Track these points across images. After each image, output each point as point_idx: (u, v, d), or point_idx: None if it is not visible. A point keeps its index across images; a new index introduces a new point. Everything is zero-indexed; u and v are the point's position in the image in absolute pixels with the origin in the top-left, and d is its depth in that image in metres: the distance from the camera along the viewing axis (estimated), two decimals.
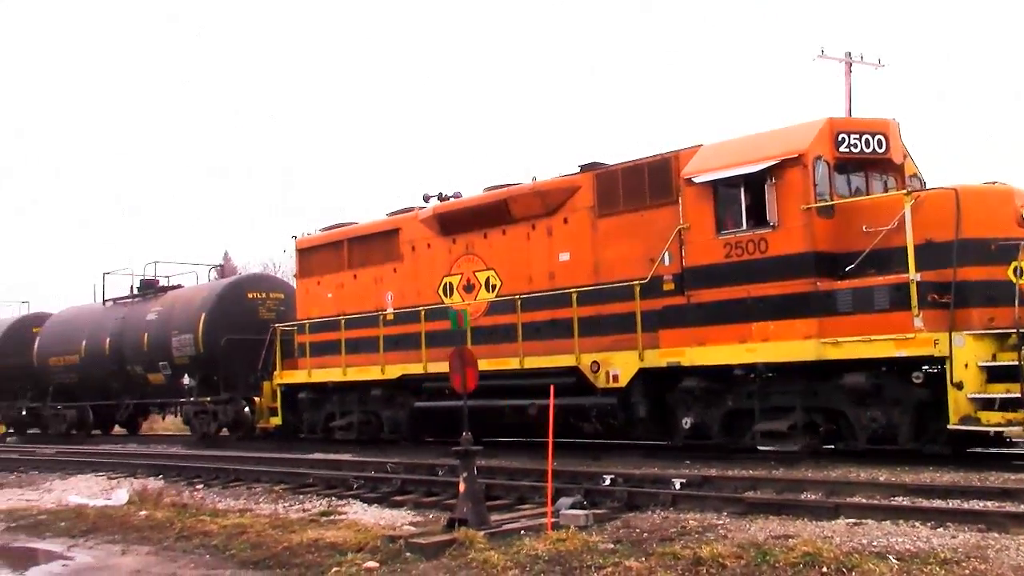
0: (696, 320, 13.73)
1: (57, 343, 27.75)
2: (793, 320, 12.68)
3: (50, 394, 28.26)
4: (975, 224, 11.83)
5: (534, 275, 16.45)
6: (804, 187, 12.74)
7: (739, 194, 13.29)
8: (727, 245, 13.42)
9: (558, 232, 16.17)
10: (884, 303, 11.95)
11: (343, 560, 9.13)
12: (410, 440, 18.61)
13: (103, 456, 20.10)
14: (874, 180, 13.59)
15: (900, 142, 13.61)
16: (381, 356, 18.54)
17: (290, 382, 20.71)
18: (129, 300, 26.51)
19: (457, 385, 10.76)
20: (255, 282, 24.42)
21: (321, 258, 20.76)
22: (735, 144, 13.86)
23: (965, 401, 11.34)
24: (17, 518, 13.63)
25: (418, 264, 18.54)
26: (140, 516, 12.71)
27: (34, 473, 18.88)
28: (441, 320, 17.62)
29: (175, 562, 10.12)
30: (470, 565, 8.53)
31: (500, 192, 17.20)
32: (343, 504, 12.50)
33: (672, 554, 8.01)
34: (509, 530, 9.56)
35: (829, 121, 13.14)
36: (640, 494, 10.85)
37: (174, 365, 23.59)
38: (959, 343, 11.39)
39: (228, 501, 13.63)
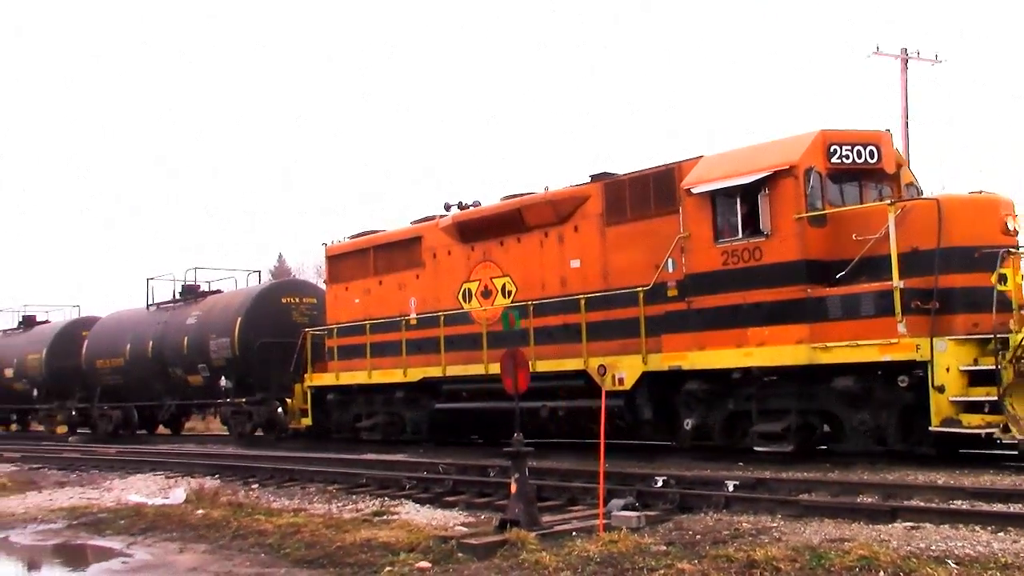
0: (696, 325, 14.24)
1: (104, 346, 28.91)
2: (786, 326, 13.15)
3: (97, 395, 29.43)
4: (959, 233, 12.23)
5: (547, 281, 17.04)
6: (796, 197, 13.20)
7: (735, 204, 13.78)
8: (724, 253, 13.92)
9: (569, 240, 16.75)
10: (870, 309, 12.38)
11: (396, 560, 9.20)
12: (431, 440, 19.30)
13: (161, 456, 20.49)
14: (868, 189, 13.98)
15: (893, 152, 14.00)
16: (404, 359, 19.27)
17: (319, 384, 21.54)
18: (171, 305, 27.58)
19: (509, 386, 10.81)
20: (289, 287, 25.33)
21: (349, 265, 21.55)
22: (733, 155, 14.35)
23: (947, 404, 11.74)
24: (78, 516, 13.86)
25: (439, 270, 19.23)
26: (197, 515, 12.87)
27: (95, 472, 19.21)
28: (460, 325, 18.38)
29: (231, 560, 10.21)
30: (522, 566, 8.55)
31: (515, 201, 17.83)
32: (396, 504, 12.58)
33: (725, 556, 7.96)
34: (561, 531, 9.60)
35: (821, 133, 13.57)
36: (692, 496, 10.83)
37: (212, 367, 24.56)
38: (941, 348, 11.79)
39: (283, 500, 13.77)
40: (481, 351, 17.66)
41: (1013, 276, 12.32)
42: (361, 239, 21.54)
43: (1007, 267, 12.26)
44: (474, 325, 18.07)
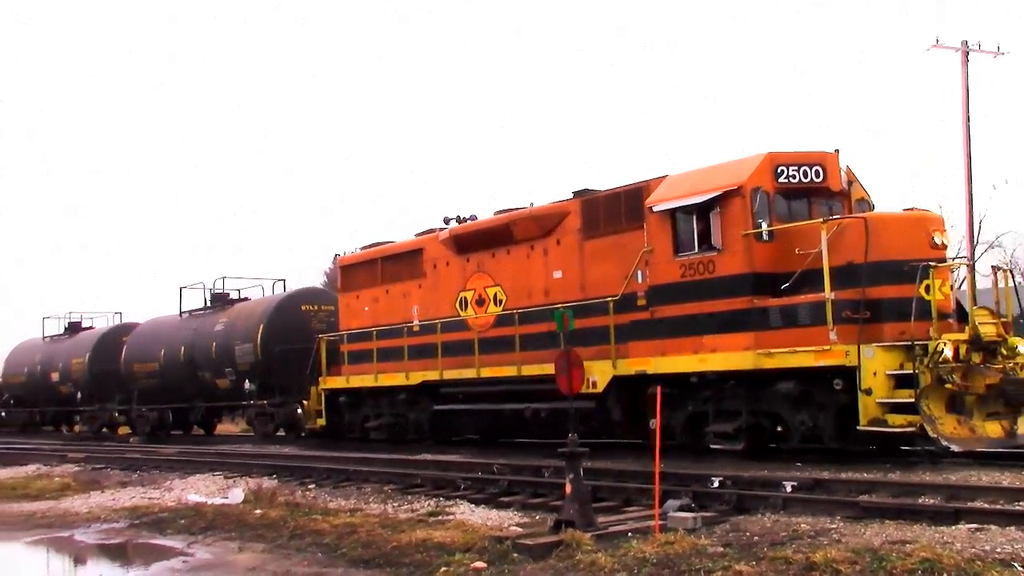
0: (659, 333, 15.37)
1: (140, 351, 30.70)
2: (735, 334, 14.23)
3: (135, 397, 31.22)
4: (887, 248, 13.22)
5: (533, 291, 18.26)
6: (743, 215, 14.28)
7: (691, 221, 14.90)
8: (682, 266, 15.04)
9: (552, 252, 17.96)
10: (806, 319, 13.44)
11: (451, 560, 9.25)
12: (433, 440, 20.62)
13: (219, 456, 20.82)
14: (818, 206, 14.98)
15: (839, 171, 15.01)
16: (406, 364, 20.62)
17: (332, 387, 22.97)
18: (201, 312, 29.25)
19: (563, 386, 10.84)
20: (308, 296, 26.83)
21: (359, 274, 22.94)
22: (692, 176, 15.46)
23: (874, 405, 12.75)
24: (140, 515, 14.13)
25: (439, 280, 20.53)
26: (255, 515, 12.99)
27: (155, 472, 19.54)
28: (455, 331, 19.67)
29: (289, 559, 10.34)
30: (577, 567, 8.54)
31: (504, 216, 19.09)
32: (451, 504, 12.60)
33: (784, 558, 7.89)
34: (616, 532, 9.57)
35: (769, 155, 14.62)
36: (749, 497, 10.77)
37: (237, 371, 26.14)
38: (868, 354, 12.81)
39: (339, 500, 13.84)
40: (474, 356, 18.97)
41: (940, 287, 13.27)
42: (370, 250, 22.92)
43: (936, 279, 13.23)
44: (469, 332, 19.35)
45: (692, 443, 15.46)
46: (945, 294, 13.36)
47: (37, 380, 36.99)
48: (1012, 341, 13.40)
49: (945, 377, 12.38)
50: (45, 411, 37.74)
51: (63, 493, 17.33)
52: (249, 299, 28.82)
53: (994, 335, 13.13)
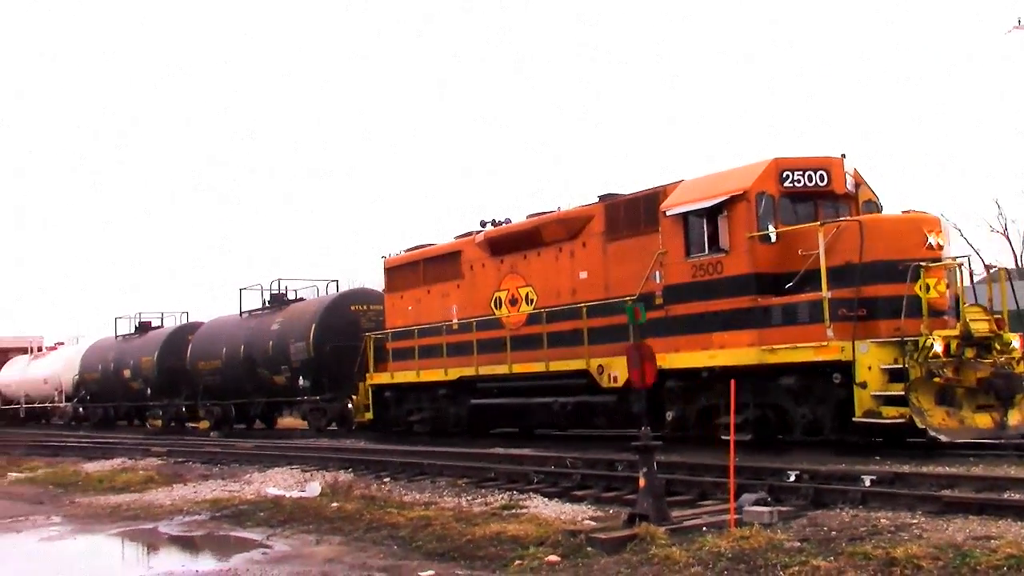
0: (673, 330, 16.21)
1: (204, 349, 32.30)
2: (740, 331, 15.04)
3: (200, 393, 32.85)
4: (882, 249, 13.91)
5: (561, 291, 19.20)
6: (748, 218, 15.06)
7: (702, 224, 15.72)
8: (693, 267, 15.87)
9: (578, 254, 18.87)
10: (805, 316, 14.20)
11: (525, 554, 9.27)
12: (470, 433, 21.67)
13: (296, 450, 21.07)
14: (824, 209, 15.68)
15: (844, 175, 15.68)
16: (444, 360, 21.72)
17: (378, 383, 24.16)
18: (259, 312, 30.71)
19: (636, 379, 10.88)
20: (358, 296, 28.09)
21: (403, 275, 24.09)
22: (703, 181, 16.27)
23: (868, 398, 13.46)
24: (221, 508, 14.30)
25: (475, 281, 21.58)
26: (332, 508, 13.13)
27: (235, 466, 19.76)
28: (490, 330, 20.70)
29: (365, 552, 10.41)
30: (651, 561, 8.49)
31: (534, 220, 20.07)
32: (524, 498, 12.64)
33: (863, 554, 7.80)
34: (690, 526, 9.53)
35: (774, 161, 15.37)
36: (827, 491, 10.70)
37: (292, 368, 27.51)
38: (863, 349, 13.52)
39: (413, 494, 13.95)
40: (506, 353, 19.99)
41: (935, 286, 13.90)
42: (413, 253, 24.05)
43: (930, 277, 13.87)
44: (502, 330, 20.37)
45: (705, 435, 16.28)
46: (940, 292, 13.97)
47: (111, 377, 38.94)
48: (1007, 337, 14.00)
49: (935, 371, 13.04)
50: (119, 406, 39.64)
51: (147, 486, 17.73)
52: (304, 299, 30.21)
53: (986, 331, 13.72)
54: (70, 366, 43.33)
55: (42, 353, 49.38)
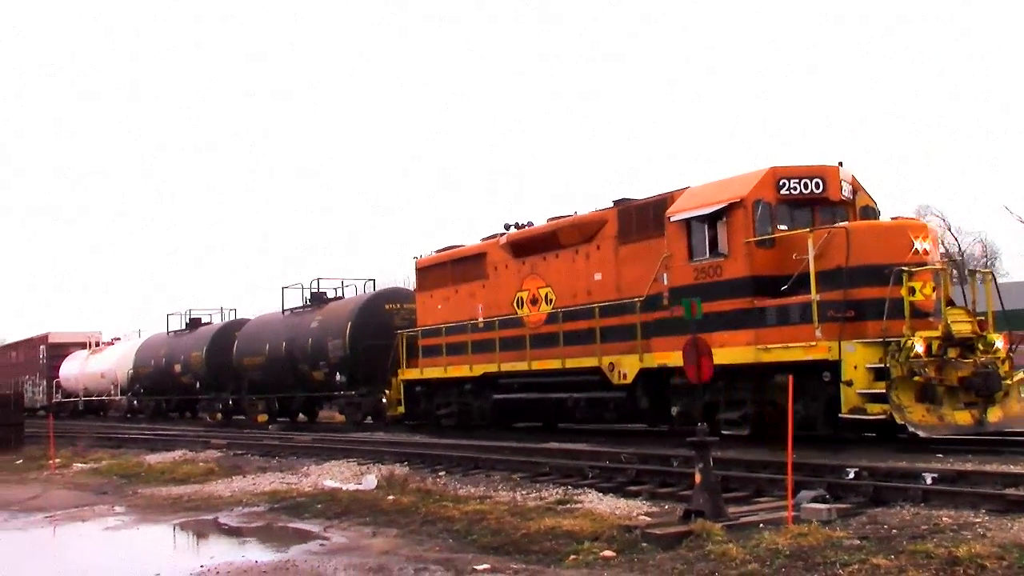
0: (677, 330, 16.93)
1: (248, 345, 33.69)
2: (738, 331, 15.84)
3: (245, 387, 34.26)
4: (869, 254, 14.64)
5: (577, 291, 20.10)
6: (746, 224, 15.85)
7: (703, 229, 16.54)
8: (696, 270, 16.70)
9: (593, 256, 19.76)
10: (797, 318, 14.97)
11: (580, 548, 9.29)
12: (493, 426, 22.65)
13: (352, 443, 21.20)
14: (821, 214, 16.39)
15: (839, 183, 16.38)
16: (470, 357, 22.73)
17: (409, 378, 25.25)
18: (300, 310, 31.99)
19: (692, 375, 10.89)
20: (391, 296, 29.21)
21: (433, 275, 25.14)
22: (706, 188, 17.08)
23: (854, 395, 14.20)
24: (279, 500, 14.51)
25: (499, 281, 22.55)
26: (388, 501, 13.23)
27: (292, 459, 19.93)
28: (512, 328, 21.67)
29: (421, 545, 10.49)
30: (707, 557, 8.43)
31: (553, 224, 21.00)
32: (579, 493, 12.64)
33: (924, 552, 7.71)
34: (747, 523, 9.45)
35: (771, 170, 16.13)
36: (887, 489, 10.61)
37: (330, 364, 28.73)
38: (850, 349, 14.26)
39: (468, 488, 14.00)
40: (526, 350, 20.96)
41: (921, 288, 14.58)
42: (442, 254, 25.10)
43: (916, 281, 14.55)
44: (523, 328, 21.33)
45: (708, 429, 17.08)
46: (926, 295, 14.65)
47: (163, 371, 40.58)
48: (990, 337, 14.65)
49: (916, 370, 13.75)
50: (170, 399, 41.31)
51: (207, 478, 17.94)
52: (341, 298, 31.43)
53: (968, 332, 14.40)
54: (125, 361, 45.07)
55: (100, 348, 51.26)
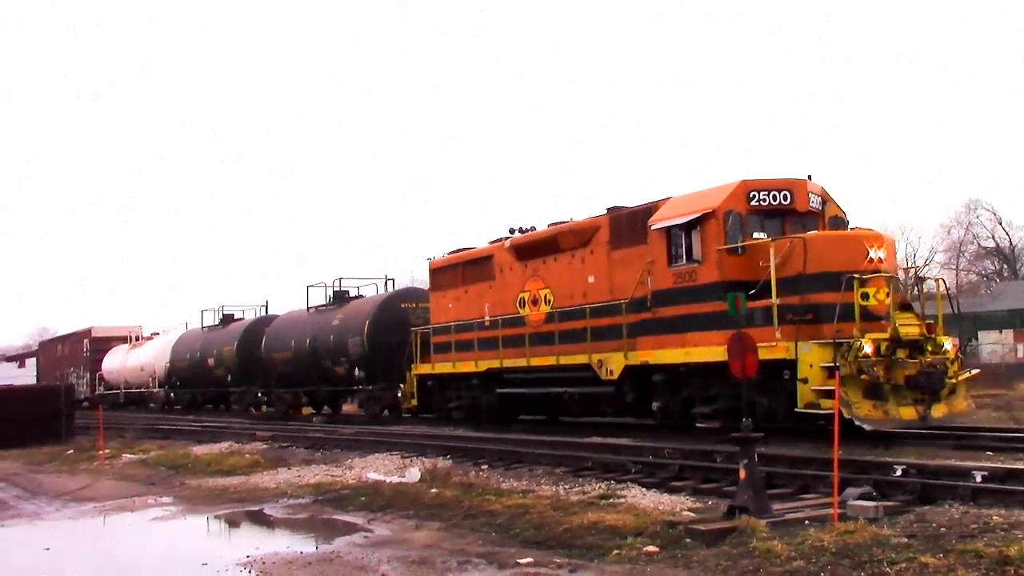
0: (658, 330, 18.41)
1: (276, 341, 35.43)
2: (710, 332, 17.13)
3: (273, 381, 36.01)
4: (825, 262, 15.89)
5: (574, 293, 21.49)
6: (718, 233, 17.18)
7: (681, 237, 17.88)
8: (674, 275, 18.05)
9: (588, 260, 21.15)
10: (760, 320, 16.24)
11: (623, 543, 9.28)
12: (499, 418, 24.11)
13: (395, 436, 21.54)
14: (791, 224, 17.65)
15: (807, 195, 17.64)
16: (476, 354, 24.22)
17: (422, 373, 26.80)
18: (323, 308, 33.65)
19: (736, 371, 10.89)
20: (407, 295, 30.77)
21: (445, 276, 26.65)
22: (685, 199, 18.42)
23: (809, 392, 15.45)
24: (324, 492, 14.67)
25: (504, 282, 24.00)
26: (431, 494, 13.30)
27: (337, 451, 20.18)
28: (514, 327, 23.13)
29: (463, 539, 10.49)
30: (752, 554, 8.35)
31: (552, 229, 22.44)
32: (621, 488, 12.65)
33: (974, 552, 7.62)
34: (792, 520, 9.39)
35: (742, 183, 17.42)
36: (935, 487, 10.51)
37: (350, 360, 30.35)
38: (805, 350, 15.53)
39: (511, 482, 14.07)
40: (525, 347, 22.42)
41: (875, 294, 15.83)
42: (453, 256, 26.59)
43: (870, 287, 15.81)
44: (524, 327, 22.78)
45: (685, 423, 18.47)
46: (880, 300, 15.90)
47: (197, 365, 42.52)
48: (939, 339, 15.88)
49: (864, 369, 15.02)
50: (204, 392, 43.24)
51: (253, 469, 18.16)
52: (362, 296, 33.06)
53: (916, 335, 15.63)
54: (163, 355, 47.12)
55: (139, 342, 53.41)
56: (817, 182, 18.09)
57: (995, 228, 66.07)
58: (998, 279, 67.18)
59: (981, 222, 65.95)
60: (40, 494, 16.94)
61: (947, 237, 65.32)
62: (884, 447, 14.52)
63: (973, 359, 47.40)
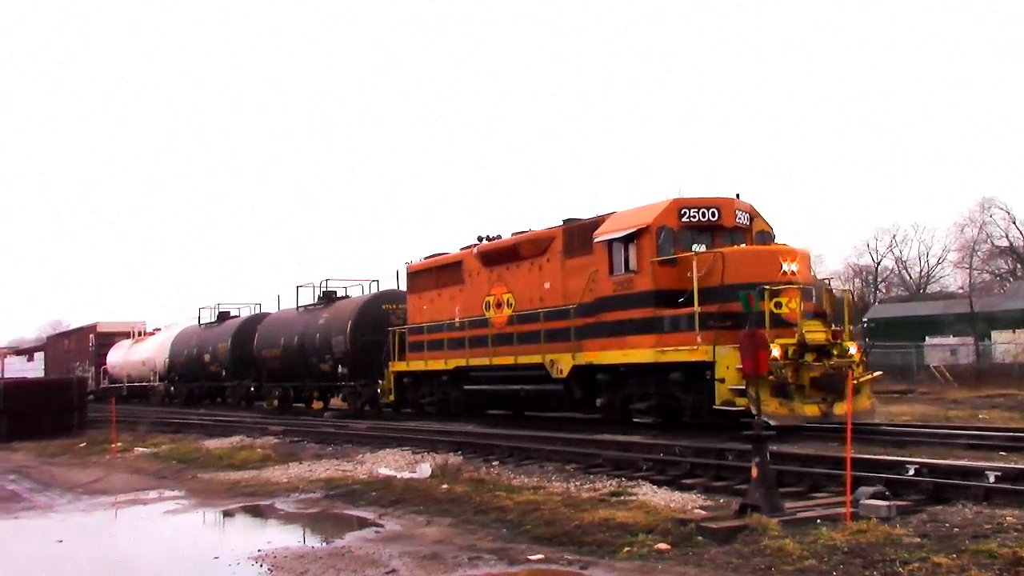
0: (602, 334, 20.20)
1: (267, 338, 37.29)
2: (644, 335, 18.94)
3: (264, 376, 37.89)
4: (743, 274, 17.65)
5: (532, 298, 23.28)
6: (651, 247, 18.95)
7: (620, 249, 19.67)
8: (615, 283, 19.83)
9: (544, 268, 22.94)
10: (685, 325, 18.04)
11: (634, 541, 9.29)
12: (467, 413, 25.87)
13: (406, 432, 21.54)
14: (720, 238, 19.42)
15: (734, 212, 19.41)
16: (446, 353, 26.04)
17: (398, 370, 28.63)
18: (311, 307, 35.50)
19: (748, 367, 10.72)
20: (388, 297, 32.51)
21: (420, 280, 28.43)
22: (624, 214, 20.21)
23: (726, 390, 17.20)
24: (334, 487, 14.67)
25: (473, 286, 25.78)
26: (441, 489, 13.37)
27: (348, 446, 20.34)
28: (479, 328, 24.92)
29: (474, 535, 10.50)
30: (763, 552, 8.35)
31: (515, 238, 24.22)
32: (632, 485, 12.70)
33: (987, 552, 7.63)
34: (804, 518, 9.39)
35: (674, 201, 19.21)
36: (948, 486, 10.50)
37: (335, 357, 32.19)
38: (723, 352, 17.28)
39: (522, 478, 14.13)
40: (489, 348, 24.23)
41: (787, 303, 17.59)
42: (429, 260, 28.38)
43: (783, 297, 17.57)
44: (488, 328, 24.58)
45: (625, 418, 20.26)
46: (791, 308, 17.65)
47: (194, 360, 44.42)
48: (845, 344, 17.64)
49: (773, 371, 16.77)
50: (201, 386, 45.14)
51: (264, 464, 18.23)
52: (347, 297, 34.90)
53: (823, 340, 17.38)
54: (163, 350, 49.02)
55: (142, 338, 55.30)
56: (745, 200, 19.85)
57: (1009, 227, 65.12)
58: (1012, 278, 66.52)
59: (995, 221, 64.56)
60: (53, 486, 17.23)
61: (960, 236, 64.81)
62: (895, 446, 14.76)
63: (986, 358, 48.76)
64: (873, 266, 79.11)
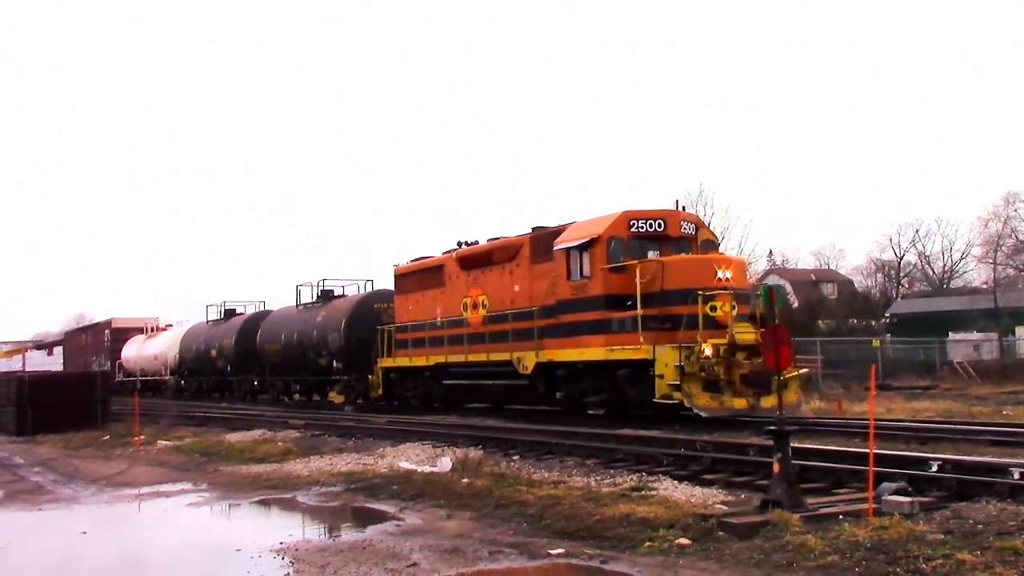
0: (561, 334, 22.11)
1: (269, 335, 39.37)
2: (596, 336, 20.85)
3: (267, 371, 39.98)
4: (679, 280, 19.55)
5: (504, 300, 25.18)
6: (602, 255, 20.84)
7: (577, 256, 21.58)
8: (572, 288, 21.73)
9: (515, 272, 24.84)
10: (630, 327, 19.94)
11: (655, 536, 9.27)
12: (447, 406, 27.81)
13: (426, 426, 21.68)
14: (667, 247, 21.29)
15: (679, 223, 21.28)
16: (427, 350, 28.02)
17: (386, 366, 30.62)
18: (311, 305, 37.55)
19: (770, 363, 10.65)
20: (380, 296, 34.46)
21: (407, 281, 30.39)
22: (581, 225, 22.10)
23: (664, 385, 19.09)
24: (355, 480, 14.65)
25: (452, 289, 27.70)
26: (462, 483, 13.33)
27: (369, 440, 20.40)
28: (457, 328, 26.86)
29: (494, 528, 10.46)
30: (785, 548, 8.33)
31: (488, 244, 26.17)
32: (653, 480, 12.66)
33: (1012, 549, 7.63)
34: (826, 514, 9.37)
35: (624, 213, 21.09)
36: (972, 483, 10.42)
37: (331, 353, 34.23)
38: (662, 351, 19.18)
39: (542, 472, 14.14)
40: (465, 346, 26.19)
41: (721, 307, 19.45)
42: (414, 263, 30.33)
43: (717, 301, 19.43)
44: (465, 328, 26.50)
45: (581, 410, 22.18)
46: (725, 312, 19.50)
47: (202, 355, 46.57)
48: None
49: (704, 368, 18.66)
50: (208, 380, 47.28)
51: (285, 457, 18.29)
52: (343, 296, 36.94)
53: (752, 340, 19.21)
54: (173, 345, 51.19)
55: (154, 333, 57.46)
56: (691, 211, 21.73)
57: None
58: None
59: (1019, 215, 63.72)
60: (77, 479, 17.36)
61: (984, 231, 64.12)
62: (918, 442, 14.91)
63: (1010, 354, 48.62)
64: (896, 261, 79.80)
